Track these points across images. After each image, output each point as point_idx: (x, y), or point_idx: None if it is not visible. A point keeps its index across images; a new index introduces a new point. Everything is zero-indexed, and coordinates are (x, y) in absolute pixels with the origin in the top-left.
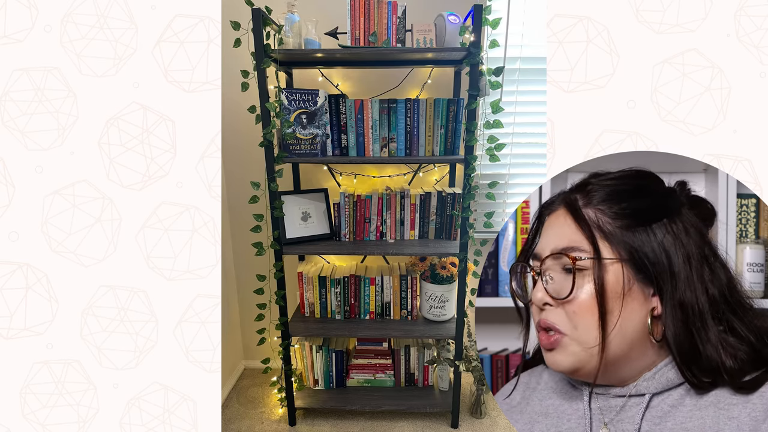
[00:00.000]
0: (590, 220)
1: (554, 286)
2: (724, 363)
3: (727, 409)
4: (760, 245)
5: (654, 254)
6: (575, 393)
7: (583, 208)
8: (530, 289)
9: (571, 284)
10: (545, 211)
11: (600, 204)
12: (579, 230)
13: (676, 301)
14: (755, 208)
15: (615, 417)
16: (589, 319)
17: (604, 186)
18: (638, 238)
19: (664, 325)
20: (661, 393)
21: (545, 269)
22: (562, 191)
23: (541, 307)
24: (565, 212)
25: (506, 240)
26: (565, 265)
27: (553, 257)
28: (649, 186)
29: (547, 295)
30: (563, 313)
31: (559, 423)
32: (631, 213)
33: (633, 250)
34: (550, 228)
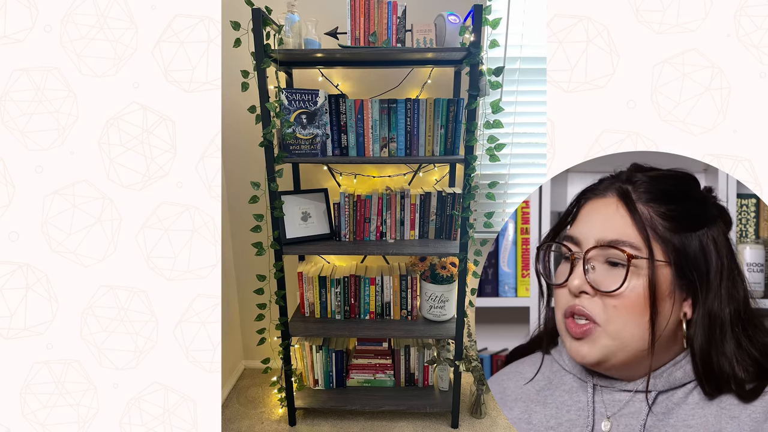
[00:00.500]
0: (643, 216)
1: (596, 277)
2: (736, 375)
3: (728, 409)
4: (760, 245)
5: (695, 260)
6: (578, 384)
7: (636, 202)
8: (553, 270)
9: (623, 279)
10: (588, 195)
11: (651, 202)
12: (633, 225)
13: (706, 309)
14: (755, 208)
15: (618, 411)
16: (632, 317)
17: (653, 182)
18: (684, 242)
19: (693, 330)
20: (667, 390)
21: (588, 258)
22: (607, 178)
23: (576, 294)
24: (617, 202)
25: (506, 240)
26: (610, 258)
27: (601, 248)
28: (692, 189)
29: (586, 284)
30: (600, 304)
31: (559, 414)
32: (679, 216)
33: (680, 254)
34: (595, 214)
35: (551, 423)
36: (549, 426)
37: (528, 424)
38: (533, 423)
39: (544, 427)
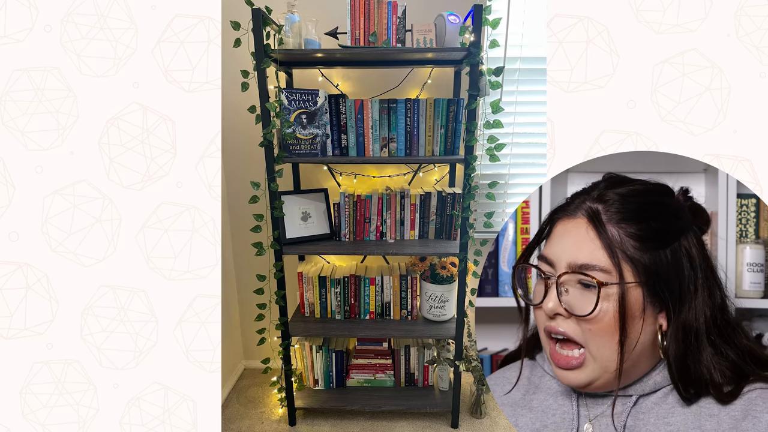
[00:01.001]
0: (613, 238)
1: (570, 300)
2: (713, 379)
3: (708, 407)
4: (760, 245)
5: (668, 278)
6: (561, 389)
7: (606, 224)
8: (534, 289)
9: (594, 304)
10: (560, 215)
11: (622, 222)
12: (603, 248)
13: (680, 322)
14: (755, 208)
15: (601, 414)
16: (605, 339)
17: (624, 201)
18: (655, 261)
19: (667, 341)
20: (646, 395)
21: (561, 282)
22: (578, 196)
23: (551, 317)
24: (587, 224)
25: (506, 240)
26: (583, 280)
27: (572, 273)
28: (665, 205)
29: (560, 307)
30: (576, 326)
31: (544, 417)
32: (650, 235)
33: (650, 273)
34: (567, 236)
35: (537, 426)
36: (535, 429)
37: (515, 427)
38: (520, 426)
39: (529, 430)
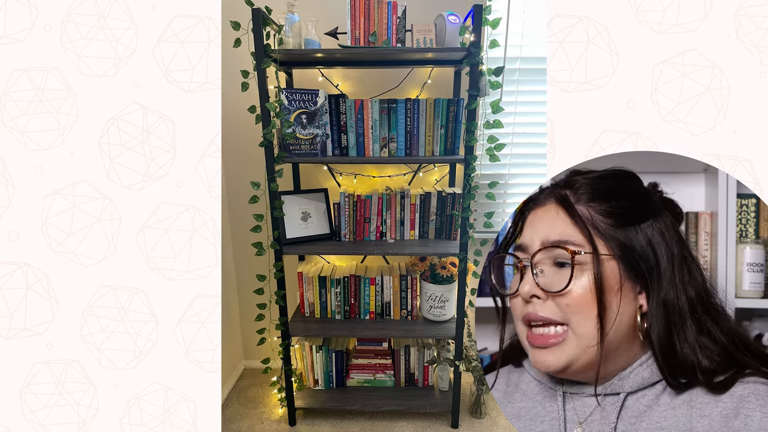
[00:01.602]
0: (583, 215)
1: (545, 280)
2: (700, 363)
3: (699, 408)
4: (760, 245)
5: (643, 252)
6: (548, 393)
7: (575, 204)
8: (508, 282)
9: (569, 277)
10: (529, 206)
11: (590, 201)
12: (573, 225)
13: (660, 299)
14: (755, 208)
15: (590, 417)
16: (585, 314)
17: (591, 184)
18: (628, 236)
19: (648, 323)
20: (636, 392)
21: (535, 262)
22: (546, 187)
23: (528, 300)
24: (556, 206)
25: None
26: (557, 259)
27: (546, 250)
28: (632, 186)
29: (536, 288)
30: (554, 306)
31: (533, 425)
32: (620, 212)
33: (625, 248)
34: (537, 221)
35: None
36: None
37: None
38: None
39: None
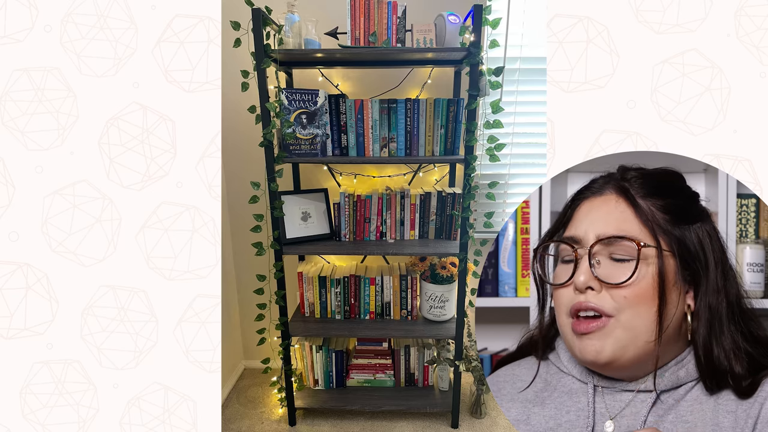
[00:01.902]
0: (645, 210)
1: (603, 271)
2: (733, 369)
3: (725, 404)
4: (760, 245)
5: (696, 251)
6: (576, 386)
7: (635, 196)
8: (550, 270)
9: (633, 270)
10: (585, 195)
11: (648, 196)
12: (636, 218)
13: (706, 301)
14: (755, 208)
15: (621, 411)
16: (643, 306)
17: (647, 178)
18: (684, 234)
19: (695, 322)
20: (668, 390)
21: (594, 253)
22: (600, 178)
23: (582, 290)
24: (617, 198)
25: (506, 240)
26: (615, 253)
27: (606, 241)
28: (683, 186)
29: (593, 279)
30: (608, 297)
31: (558, 415)
32: (676, 209)
33: (681, 245)
34: (595, 211)
35: (550, 424)
36: (548, 427)
37: (527, 425)
38: (532, 424)
39: (543, 428)
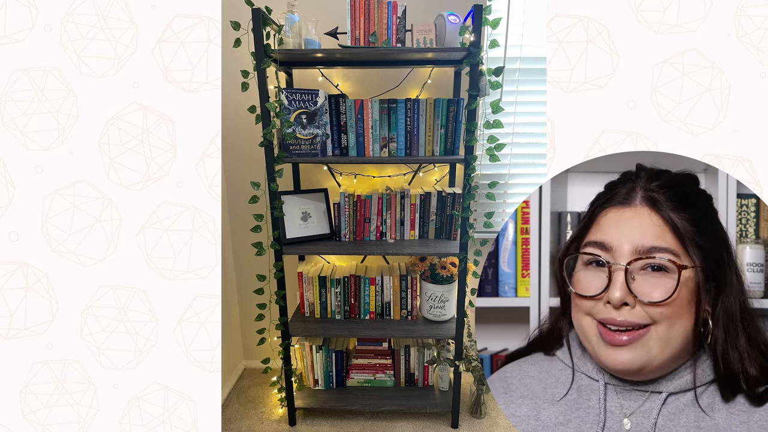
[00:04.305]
0: (678, 224)
1: (640, 288)
2: (747, 371)
3: (738, 415)
4: (760, 245)
5: (717, 261)
6: (585, 383)
7: (666, 210)
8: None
9: (673, 289)
10: (608, 204)
11: (676, 210)
12: (670, 232)
13: (723, 307)
14: (755, 208)
15: (637, 410)
16: (679, 320)
17: (671, 189)
18: (707, 245)
19: (714, 329)
20: (677, 393)
21: (631, 269)
22: (624, 184)
23: (617, 307)
24: (649, 211)
25: (506, 240)
26: (651, 263)
27: (642, 258)
28: (700, 192)
29: (629, 295)
30: (643, 312)
31: (568, 411)
32: (700, 220)
33: (706, 258)
34: (624, 222)
35: (560, 419)
36: (558, 422)
37: (536, 421)
38: (542, 420)
39: (553, 423)
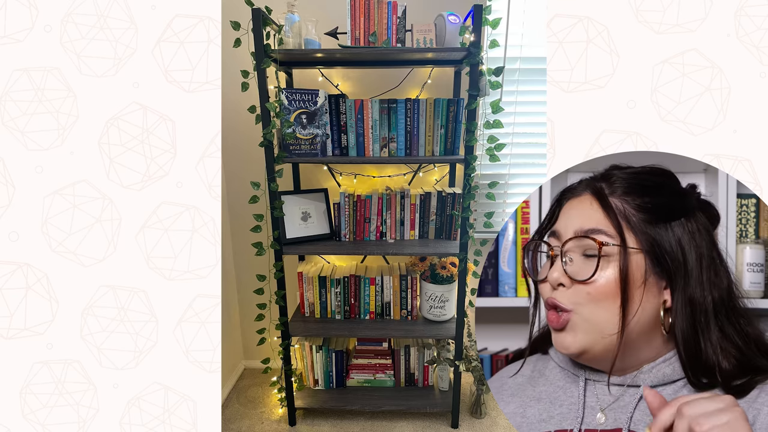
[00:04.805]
0: (617, 208)
1: (573, 268)
2: (720, 364)
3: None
4: (760, 245)
5: (671, 249)
6: (570, 379)
7: (609, 196)
8: (540, 267)
9: (595, 267)
10: (567, 195)
11: (624, 195)
12: (605, 216)
13: (686, 297)
14: (755, 208)
15: (612, 404)
16: (605, 303)
17: (628, 178)
18: (658, 232)
19: (673, 318)
20: (656, 387)
21: (566, 250)
22: (585, 179)
23: (555, 287)
24: (591, 198)
25: (506, 240)
26: (586, 250)
27: (576, 239)
28: (669, 184)
29: (564, 276)
30: (576, 295)
31: (551, 408)
32: (653, 208)
33: (654, 243)
34: (572, 210)
35: (543, 416)
36: (541, 419)
37: (522, 418)
38: (527, 416)
39: (536, 420)
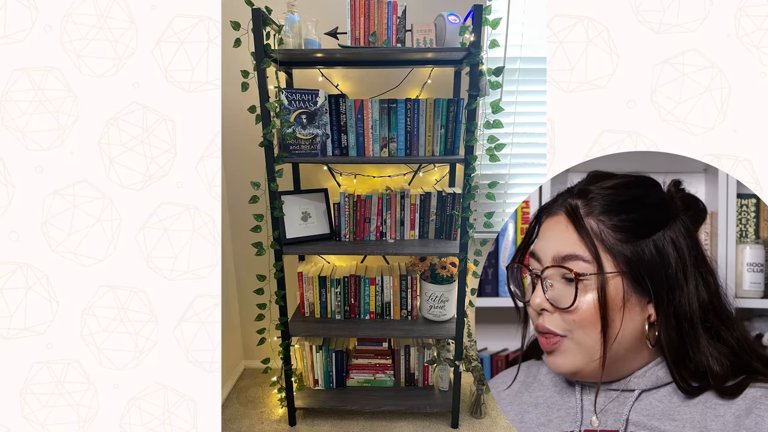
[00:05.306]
0: (592, 230)
1: (554, 294)
2: (711, 368)
3: (714, 408)
4: (760, 245)
5: (651, 267)
6: (566, 385)
7: (584, 218)
8: (528, 287)
9: (574, 295)
10: (544, 213)
11: (601, 215)
12: (581, 240)
13: (670, 311)
14: (755, 208)
15: (605, 408)
16: (589, 328)
17: (604, 195)
18: (637, 250)
19: (658, 331)
20: (651, 389)
21: (545, 277)
22: (562, 194)
23: (539, 312)
24: (566, 219)
25: (506, 240)
26: (566, 275)
27: (554, 267)
28: (647, 196)
29: (546, 302)
30: (561, 320)
31: (549, 412)
32: (631, 226)
33: (631, 263)
34: (549, 231)
35: (542, 420)
36: (540, 423)
37: (521, 423)
38: (525, 422)
39: (535, 424)
